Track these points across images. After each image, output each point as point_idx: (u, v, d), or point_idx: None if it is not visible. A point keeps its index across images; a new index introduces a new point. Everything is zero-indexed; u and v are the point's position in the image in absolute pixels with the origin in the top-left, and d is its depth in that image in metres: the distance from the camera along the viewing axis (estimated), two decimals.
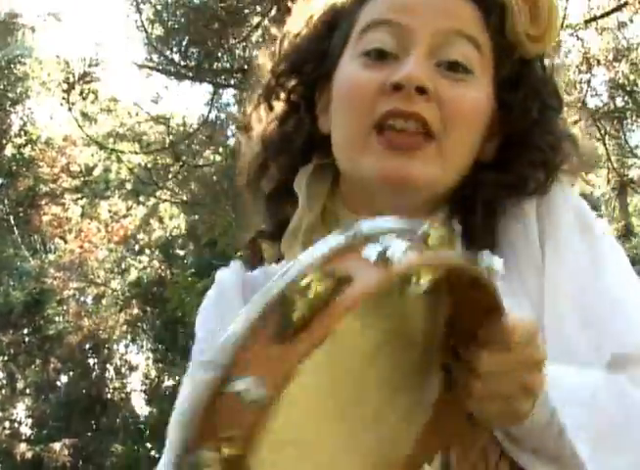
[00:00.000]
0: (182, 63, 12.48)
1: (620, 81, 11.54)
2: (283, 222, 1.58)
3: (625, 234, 16.60)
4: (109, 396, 23.64)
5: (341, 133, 1.50)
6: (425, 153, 1.41)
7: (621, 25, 11.76)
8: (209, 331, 1.59)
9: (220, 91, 13.85)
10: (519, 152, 1.50)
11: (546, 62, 1.55)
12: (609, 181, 13.09)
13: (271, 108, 1.61)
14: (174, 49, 12.38)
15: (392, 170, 1.41)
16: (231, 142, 14.09)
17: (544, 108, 1.51)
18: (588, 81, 11.48)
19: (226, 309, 1.55)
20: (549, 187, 1.50)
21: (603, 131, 11.77)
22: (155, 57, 12.75)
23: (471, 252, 1.37)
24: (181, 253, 22.63)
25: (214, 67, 12.55)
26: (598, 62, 11.40)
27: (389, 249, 0.91)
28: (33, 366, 23.34)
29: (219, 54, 12.39)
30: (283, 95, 1.59)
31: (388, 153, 1.41)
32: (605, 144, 11.87)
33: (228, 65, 12.56)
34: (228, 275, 1.64)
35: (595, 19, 11.63)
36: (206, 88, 14.00)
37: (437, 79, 1.41)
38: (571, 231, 1.48)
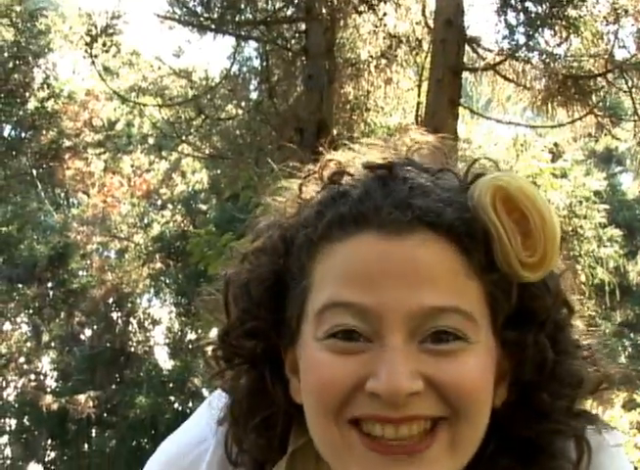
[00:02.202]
0: (204, 14, 12.39)
1: None
2: None
3: None
4: (132, 349, 23.83)
5: (315, 432, 1.23)
6: (431, 451, 1.15)
7: None
8: None
9: (243, 44, 13.77)
10: (536, 397, 1.24)
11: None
12: (635, 134, 12.92)
13: (238, 375, 1.35)
14: (197, 0, 12.29)
15: None
16: (253, 96, 14.06)
17: (557, 332, 1.25)
18: (616, 32, 11.33)
19: None
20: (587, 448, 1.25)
21: (630, 83, 11.61)
22: (177, 9, 12.66)
23: None
24: (204, 207, 22.67)
25: (237, 19, 12.45)
26: (626, 12, 11.24)
27: None
28: (58, 320, 23.55)
29: (242, 5, 12.29)
30: (244, 355, 1.33)
31: (381, 459, 1.15)
32: (632, 97, 11.72)
33: (251, 16, 12.47)
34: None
35: None
36: (229, 41, 13.93)
37: (427, 363, 1.14)
38: None
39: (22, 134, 19.69)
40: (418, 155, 1.31)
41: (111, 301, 23.74)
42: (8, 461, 23.20)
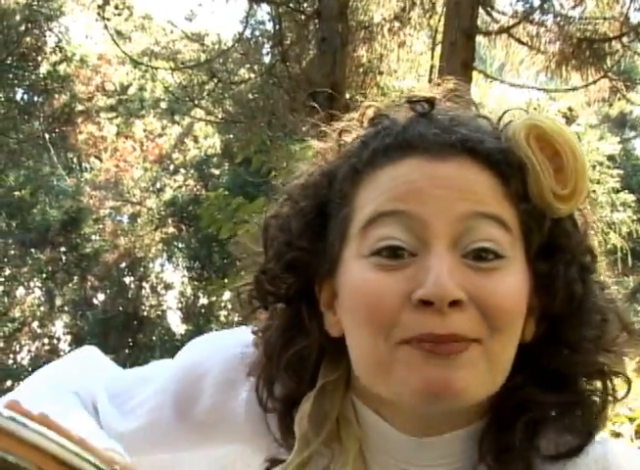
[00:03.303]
0: None
1: None
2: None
3: None
4: (145, 313, 23.92)
5: (360, 352, 1.26)
6: (470, 355, 1.19)
7: None
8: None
9: (255, 7, 13.70)
10: (564, 330, 1.28)
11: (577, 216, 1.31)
12: None
13: (270, 311, 1.38)
14: None
15: (431, 381, 1.19)
16: (266, 59, 14.01)
17: (584, 273, 1.29)
18: None
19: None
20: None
21: None
22: None
23: None
24: (216, 171, 22.65)
25: None
26: None
27: None
28: (71, 284, 23.63)
29: None
30: (280, 292, 1.35)
31: (424, 359, 1.18)
32: None
33: None
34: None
35: None
36: (241, 4, 13.86)
37: (469, 277, 1.18)
38: None
39: (35, 98, 19.67)
40: (452, 102, 1.36)
41: (123, 265, 23.80)
42: None
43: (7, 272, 23.03)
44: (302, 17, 12.47)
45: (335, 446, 1.35)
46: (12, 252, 22.92)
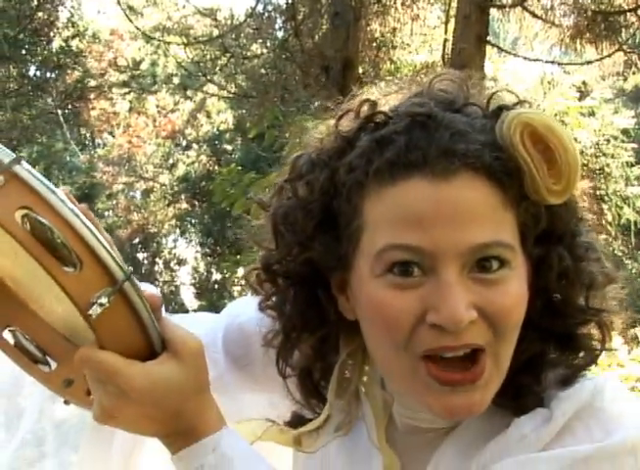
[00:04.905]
0: None
1: None
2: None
3: None
4: (158, 289, 23.98)
5: (382, 358, 1.39)
6: (484, 377, 1.31)
7: None
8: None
9: None
10: (556, 302, 1.40)
11: None
12: None
13: (286, 296, 1.49)
14: None
15: (454, 408, 1.32)
16: (279, 34, 13.96)
17: (573, 245, 1.39)
18: None
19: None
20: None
21: None
22: None
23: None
24: (229, 147, 22.64)
25: None
26: None
27: None
28: None
29: None
30: (293, 278, 1.46)
31: (446, 389, 1.31)
32: None
33: None
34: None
35: None
36: None
37: (477, 291, 1.29)
38: None
39: (48, 74, 19.67)
40: (440, 84, 1.42)
41: (136, 241, 23.87)
42: None
43: None
44: None
45: (352, 401, 1.52)
46: None
